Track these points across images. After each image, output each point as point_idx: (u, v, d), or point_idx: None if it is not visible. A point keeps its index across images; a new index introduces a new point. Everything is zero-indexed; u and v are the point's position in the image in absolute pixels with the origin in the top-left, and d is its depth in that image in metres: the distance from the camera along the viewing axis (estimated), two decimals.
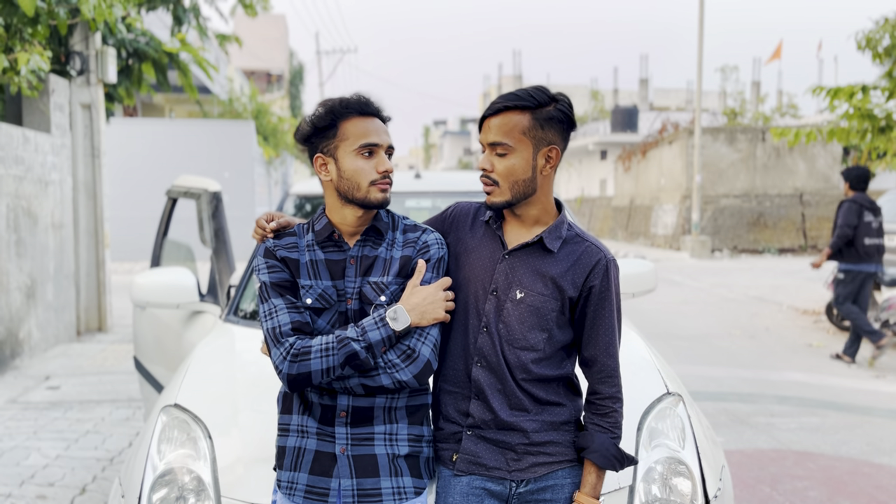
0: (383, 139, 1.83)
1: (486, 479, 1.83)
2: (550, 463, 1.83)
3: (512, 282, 1.81)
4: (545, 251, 1.82)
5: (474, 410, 1.83)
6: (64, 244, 7.98)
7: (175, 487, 2.14)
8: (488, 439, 1.83)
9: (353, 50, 41.61)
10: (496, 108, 1.78)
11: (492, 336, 1.81)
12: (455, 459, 1.84)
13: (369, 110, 1.83)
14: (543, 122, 1.77)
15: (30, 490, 3.94)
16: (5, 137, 6.67)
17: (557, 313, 1.81)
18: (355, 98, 1.83)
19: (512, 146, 1.77)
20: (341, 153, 1.81)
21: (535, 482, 1.82)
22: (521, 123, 1.76)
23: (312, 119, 1.84)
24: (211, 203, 4.05)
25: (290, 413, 1.86)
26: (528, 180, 1.79)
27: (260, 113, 22.25)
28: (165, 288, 3.44)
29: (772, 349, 7.92)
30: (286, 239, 1.90)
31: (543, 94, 1.78)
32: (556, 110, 1.78)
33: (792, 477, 4.23)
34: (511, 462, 1.82)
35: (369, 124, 1.82)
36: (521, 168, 1.78)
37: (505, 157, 1.78)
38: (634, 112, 32.30)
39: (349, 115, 1.81)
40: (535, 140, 1.77)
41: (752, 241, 21.13)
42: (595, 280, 1.80)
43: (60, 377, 6.39)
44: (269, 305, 1.81)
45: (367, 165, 1.80)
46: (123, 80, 8.92)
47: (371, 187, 1.80)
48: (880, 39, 9.65)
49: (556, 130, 1.79)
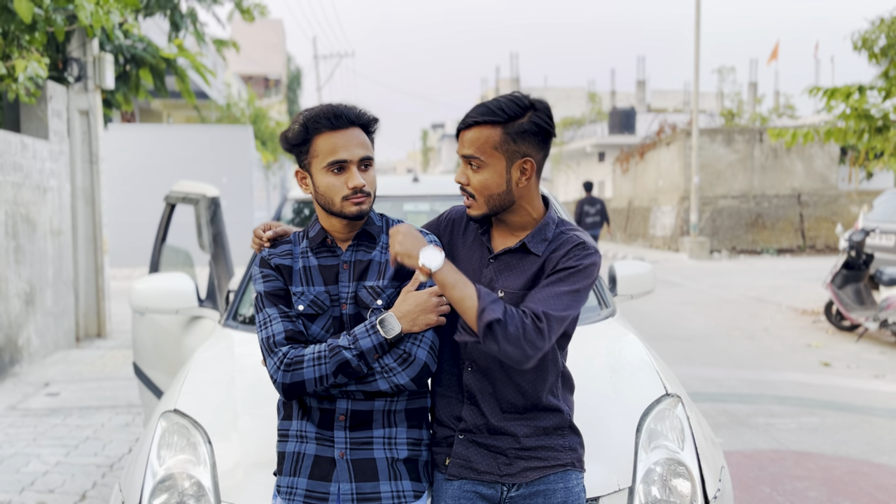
0: (354, 153, 1.78)
1: (477, 482, 1.82)
2: (542, 468, 1.82)
3: (495, 285, 1.81)
4: (529, 254, 1.81)
5: (466, 415, 1.83)
6: (63, 250, 7.98)
7: (175, 493, 2.14)
8: (480, 444, 1.82)
9: (351, 54, 41.56)
10: (468, 122, 1.76)
11: None
12: (447, 463, 1.85)
13: (340, 123, 1.78)
14: (515, 135, 1.73)
15: (30, 497, 3.94)
16: (3, 144, 6.68)
17: None
18: (325, 111, 1.78)
19: (484, 161, 1.75)
20: (314, 169, 1.80)
21: (526, 486, 1.82)
22: (493, 138, 1.73)
23: (287, 135, 1.82)
24: (209, 208, 4.06)
25: (289, 419, 1.86)
26: (504, 193, 1.77)
27: (258, 118, 22.26)
28: (164, 293, 3.44)
29: (771, 349, 7.92)
30: (282, 247, 1.90)
31: (515, 106, 1.74)
32: (530, 122, 1.74)
33: (791, 477, 4.24)
34: (502, 467, 1.81)
35: (338, 139, 1.77)
36: (494, 182, 1.76)
37: (479, 170, 1.76)
38: (632, 114, 32.30)
39: (320, 130, 1.78)
40: (507, 154, 1.75)
41: (750, 241, 21.14)
42: (566, 258, 1.75)
43: (60, 383, 6.38)
44: (264, 315, 1.82)
45: (338, 182, 1.78)
46: (121, 86, 8.92)
47: (344, 202, 1.79)
48: (876, 40, 9.68)
49: (531, 142, 1.75)
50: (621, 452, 2.20)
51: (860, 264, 8.56)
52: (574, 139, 35.27)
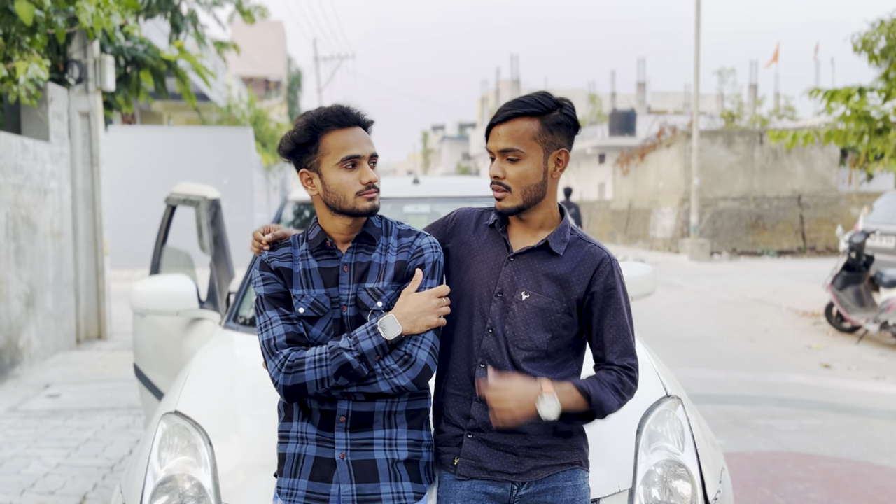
0: (365, 149, 1.81)
1: (487, 482, 1.83)
2: (552, 466, 1.84)
3: (517, 284, 1.83)
4: (550, 254, 1.85)
5: (475, 413, 1.83)
6: (63, 252, 7.99)
7: (176, 494, 2.14)
8: (489, 442, 1.83)
9: (351, 56, 41.58)
10: (505, 116, 1.81)
11: (497, 338, 1.83)
12: (456, 463, 1.85)
13: (348, 121, 1.80)
14: (552, 126, 1.81)
15: (30, 499, 3.94)
16: (4, 146, 6.68)
17: (563, 314, 1.83)
18: (334, 110, 1.80)
19: (524, 152, 1.80)
20: (325, 167, 1.81)
21: (535, 485, 1.83)
22: (532, 129, 1.80)
23: (293, 135, 1.83)
24: (210, 210, 4.06)
25: (290, 420, 1.87)
26: (540, 184, 1.83)
27: (258, 119, 22.28)
28: (165, 295, 3.44)
29: (771, 351, 7.92)
30: (281, 249, 1.90)
31: (549, 100, 1.82)
32: (562, 115, 1.83)
33: (792, 479, 4.24)
34: (513, 465, 1.83)
35: (349, 136, 1.80)
36: (533, 173, 1.81)
37: (517, 162, 1.81)
38: (632, 115, 32.31)
39: (329, 129, 1.79)
40: (545, 145, 1.81)
41: (750, 243, 21.14)
42: (600, 279, 1.83)
43: (60, 385, 6.39)
44: (265, 318, 1.83)
45: (351, 178, 1.79)
46: (122, 87, 8.93)
47: (358, 198, 1.80)
48: (876, 41, 9.69)
49: (564, 134, 1.84)
50: (621, 454, 2.20)
51: (860, 266, 8.56)
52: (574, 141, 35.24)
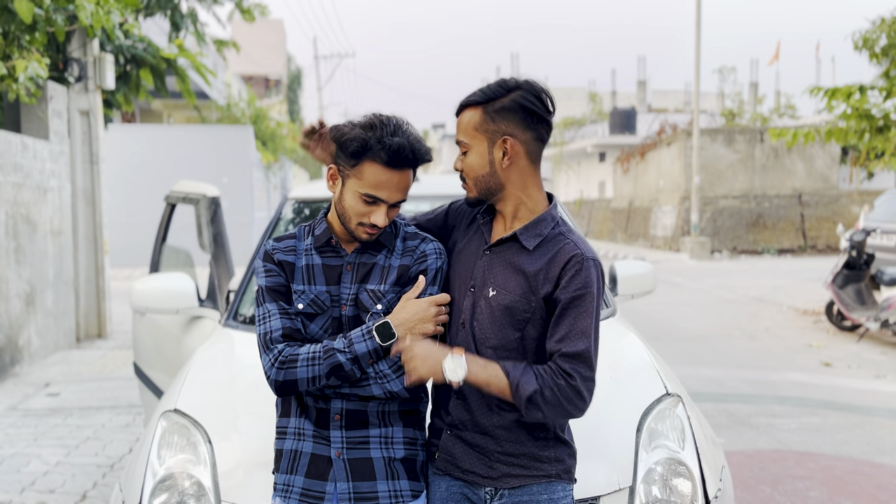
0: (392, 196, 1.76)
1: (463, 484, 1.82)
2: (524, 476, 1.78)
3: (487, 279, 1.79)
4: (522, 248, 1.78)
5: (453, 409, 1.82)
6: (63, 251, 7.98)
7: (175, 492, 2.14)
8: (465, 441, 1.81)
9: (351, 54, 41.65)
10: (457, 109, 1.82)
11: (467, 334, 1.79)
12: (437, 457, 1.85)
13: (397, 165, 1.73)
14: (494, 114, 1.75)
15: (30, 497, 3.94)
16: (4, 144, 6.68)
17: (531, 313, 1.75)
18: (392, 146, 1.71)
19: (468, 143, 1.79)
20: (350, 183, 1.77)
21: (509, 496, 1.79)
22: (473, 120, 1.77)
23: (347, 138, 1.75)
24: (210, 208, 4.05)
25: (287, 416, 1.86)
26: (488, 175, 1.78)
27: (258, 118, 22.25)
28: (165, 293, 3.44)
29: (772, 350, 7.92)
30: (286, 241, 1.90)
31: (499, 87, 1.75)
32: (511, 100, 1.73)
33: (793, 477, 4.23)
34: (484, 467, 1.79)
35: (389, 177, 1.73)
36: (478, 164, 1.78)
37: (466, 154, 1.80)
38: (633, 114, 32.30)
39: (375, 160, 1.72)
40: (487, 134, 1.76)
41: (751, 241, 21.14)
42: (566, 277, 1.71)
43: (60, 384, 6.39)
44: (263, 310, 1.82)
45: (364, 210, 1.76)
46: (121, 86, 8.93)
47: (358, 227, 1.79)
48: (877, 40, 9.68)
49: (511, 121, 1.74)
50: (622, 452, 2.20)
51: (861, 264, 8.56)
52: (575, 139, 35.26)
